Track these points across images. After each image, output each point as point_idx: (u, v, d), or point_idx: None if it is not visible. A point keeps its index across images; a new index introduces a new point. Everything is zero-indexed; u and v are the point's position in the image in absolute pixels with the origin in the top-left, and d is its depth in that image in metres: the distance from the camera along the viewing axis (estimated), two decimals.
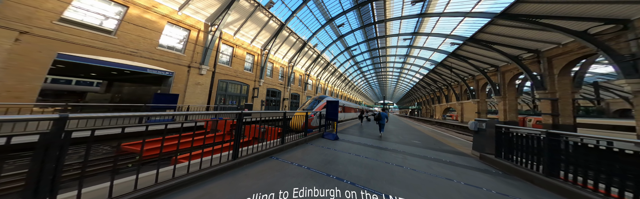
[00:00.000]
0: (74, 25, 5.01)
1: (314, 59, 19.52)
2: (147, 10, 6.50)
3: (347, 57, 24.59)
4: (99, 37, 5.46)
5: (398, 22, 15.12)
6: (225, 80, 10.20)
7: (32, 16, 4.34)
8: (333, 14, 14.43)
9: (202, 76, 8.65)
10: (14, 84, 4.11)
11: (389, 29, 16.82)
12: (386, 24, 16.16)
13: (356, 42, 19.74)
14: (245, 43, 11.43)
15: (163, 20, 7.03)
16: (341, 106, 10.54)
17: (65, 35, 4.85)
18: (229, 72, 10.37)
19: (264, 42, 12.67)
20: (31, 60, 4.33)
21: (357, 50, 22.27)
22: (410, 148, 3.85)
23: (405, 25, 15.46)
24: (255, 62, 12.69)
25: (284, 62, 16.06)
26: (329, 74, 26.50)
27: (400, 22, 14.98)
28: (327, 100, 4.83)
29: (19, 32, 4.18)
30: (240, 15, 9.67)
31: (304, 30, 15.18)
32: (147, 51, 6.57)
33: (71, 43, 4.94)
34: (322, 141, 3.91)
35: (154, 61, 6.73)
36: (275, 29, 12.21)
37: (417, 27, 15.39)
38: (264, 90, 13.52)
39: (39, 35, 4.46)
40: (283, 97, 16.25)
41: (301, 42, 15.48)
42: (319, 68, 22.87)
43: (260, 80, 12.74)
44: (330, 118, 4.69)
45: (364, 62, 27.62)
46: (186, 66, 7.94)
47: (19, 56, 4.16)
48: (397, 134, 6.29)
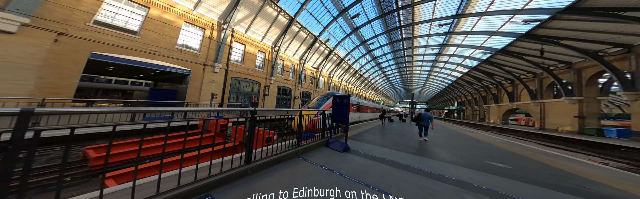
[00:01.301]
0: (104, 26, 5.48)
1: (326, 55, 19.15)
2: (166, 10, 6.94)
3: (363, 52, 23.50)
4: (125, 37, 5.88)
5: (431, 5, 12.85)
6: (237, 78, 10.51)
7: (68, 18, 4.78)
8: (347, 2, 13.61)
9: (216, 74, 8.90)
10: (54, 81, 4.57)
11: (418, 14, 14.61)
12: (413, 9, 14.12)
13: (374, 34, 18.63)
14: (257, 41, 11.68)
15: (180, 20, 7.39)
16: (355, 104, 9.53)
17: (97, 36, 5.29)
18: (241, 70, 10.68)
19: (274, 38, 12.84)
20: (68, 59, 4.77)
21: (375, 44, 21.04)
22: (499, 181, 1.90)
23: (442, 7, 12.92)
24: (266, 60, 12.90)
25: (295, 59, 16.12)
26: (343, 71, 25.74)
27: (434, 5, 12.70)
28: (334, 95, 3.60)
29: (57, 33, 4.63)
30: (250, 11, 9.93)
31: (315, 24, 14.86)
32: (167, 50, 6.96)
33: (102, 44, 5.40)
34: (323, 154, 2.72)
35: (172, 59, 7.11)
36: (285, 24, 12.31)
37: (453, 26, 14.48)
38: (275, 88, 13.64)
39: (74, 36, 4.90)
40: (294, 95, 16.26)
41: (312, 37, 15.35)
42: (332, 65, 22.34)
43: (271, 77, 12.91)
44: (338, 120, 3.42)
45: (383, 56, 25.89)
46: (202, 64, 8.24)
47: (57, 55, 4.61)
48: (447, 145, 4.24)
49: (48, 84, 4.60)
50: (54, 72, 4.69)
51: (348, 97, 3.35)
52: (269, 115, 2.94)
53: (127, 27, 6.13)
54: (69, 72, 4.88)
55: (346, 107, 3.25)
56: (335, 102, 3.58)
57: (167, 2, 6.94)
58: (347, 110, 3.23)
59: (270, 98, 13.01)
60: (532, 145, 6.35)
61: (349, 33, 17.52)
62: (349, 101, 3.30)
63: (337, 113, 3.51)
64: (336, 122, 3.62)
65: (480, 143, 4.93)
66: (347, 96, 3.38)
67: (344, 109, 3.31)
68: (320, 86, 22.02)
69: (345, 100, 3.32)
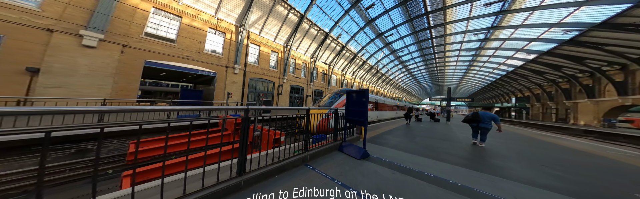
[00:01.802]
0: (152, 37, 7.26)
1: (338, 52, 20.70)
2: (194, 18, 8.90)
3: (380, 46, 24.11)
4: (167, 45, 7.66)
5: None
6: (254, 78, 12.37)
7: (128, 32, 6.57)
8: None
9: (236, 75, 10.55)
10: (124, 85, 6.32)
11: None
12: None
13: (393, 24, 19.38)
14: (270, 41, 13.60)
15: (205, 26, 9.22)
16: (372, 102, 9.78)
17: (148, 46, 7.04)
18: (257, 70, 12.54)
19: (285, 38, 14.64)
20: (131, 67, 6.52)
21: (395, 35, 21.83)
22: None
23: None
24: (279, 59, 14.73)
25: (306, 57, 17.88)
26: (356, 67, 26.63)
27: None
28: (347, 91, 3.38)
29: (122, 45, 6.35)
30: (262, 12, 11.79)
31: (325, 20, 16.48)
32: (197, 54, 8.74)
33: (152, 52, 7.13)
34: (336, 161, 2.50)
35: (202, 63, 8.92)
36: (295, 22, 14.05)
37: (507, 3, 12.98)
38: (288, 87, 15.33)
39: (133, 47, 6.66)
40: (306, 94, 17.90)
41: (322, 33, 17.03)
42: (344, 62, 23.69)
43: (283, 77, 14.66)
44: (353, 120, 3.21)
45: (405, 49, 26.24)
46: (224, 66, 9.98)
47: (124, 64, 6.37)
48: (522, 155, 3.40)
49: (120, 88, 6.39)
50: (123, 77, 6.48)
51: (365, 93, 2.98)
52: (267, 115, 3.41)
53: (167, 36, 7.92)
54: (132, 77, 6.67)
55: (363, 105, 2.96)
56: (349, 99, 3.35)
57: (194, 10, 8.76)
58: (365, 108, 2.91)
59: (284, 97, 14.73)
60: None
61: (362, 26, 18.50)
62: (366, 98, 2.95)
63: (352, 111, 3.27)
64: (351, 122, 3.34)
65: (585, 157, 3.51)
66: (364, 91, 3.01)
67: (360, 107, 3.05)
68: (333, 84, 23.31)
69: (363, 97, 3.01)
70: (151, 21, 7.58)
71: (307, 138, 2.55)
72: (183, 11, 8.46)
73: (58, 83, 5.37)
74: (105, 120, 4.50)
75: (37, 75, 5.09)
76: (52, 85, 5.28)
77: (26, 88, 4.96)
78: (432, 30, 20.08)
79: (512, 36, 17.10)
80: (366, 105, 2.93)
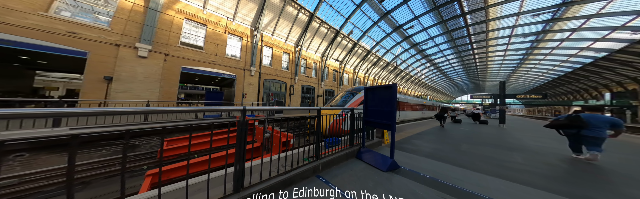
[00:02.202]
0: (186, 46, 9.19)
1: (350, 50, 22.35)
2: (216, 25, 11.08)
3: (397, 40, 24.69)
4: (197, 52, 9.62)
5: None
6: (268, 79, 14.58)
7: (168, 42, 8.49)
8: None
9: (252, 77, 12.48)
10: (167, 89, 8.33)
11: None
12: None
13: (413, 15, 19.93)
14: (281, 43, 15.73)
15: (226, 32, 10.81)
16: (402, 102, 9.99)
17: (183, 53, 8.94)
18: (271, 72, 14.71)
19: (296, 38, 16.69)
20: (172, 73, 8.48)
21: (417, 27, 22.30)
22: None
23: None
24: (290, 60, 16.89)
25: (317, 57, 19.82)
26: (370, 65, 27.60)
27: None
28: (365, 88, 3.28)
29: (165, 54, 8.26)
30: (273, 13, 13.83)
31: (335, 16, 18.05)
32: (220, 59, 10.64)
33: (186, 59, 9.03)
34: (355, 172, 2.34)
35: (224, 67, 11.03)
36: (305, 22, 15.95)
37: None
38: (299, 87, 17.34)
39: (173, 55, 8.57)
40: (317, 94, 19.72)
41: (333, 31, 18.68)
42: (357, 59, 25.28)
43: (295, 77, 16.72)
44: (374, 123, 3.07)
45: (430, 41, 26.51)
46: (242, 69, 11.85)
47: (166, 71, 8.35)
48: None
49: (164, 91, 8.47)
50: (166, 82, 8.55)
51: (392, 89, 2.66)
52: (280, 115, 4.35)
53: (197, 44, 9.86)
54: (172, 82, 8.72)
55: (389, 103, 2.69)
56: (368, 97, 3.18)
57: (216, 17, 10.98)
58: (392, 108, 2.64)
59: (296, 97, 16.79)
60: None
61: (376, 20, 19.45)
62: (394, 95, 2.66)
63: (372, 112, 3.09)
64: (371, 125, 3.16)
65: None
66: (391, 87, 2.69)
67: (385, 106, 2.80)
68: (345, 82, 24.48)
69: (389, 94, 2.72)
70: (184, 31, 9.57)
71: (318, 144, 2.40)
72: (207, 19, 10.48)
73: (124, 89, 7.64)
74: (149, 119, 6.33)
75: (111, 82, 7.26)
76: (120, 90, 7.56)
77: (105, 93, 7.12)
78: (467, 16, 18.90)
79: (604, 11, 13.57)
80: (394, 104, 2.67)
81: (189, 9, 9.67)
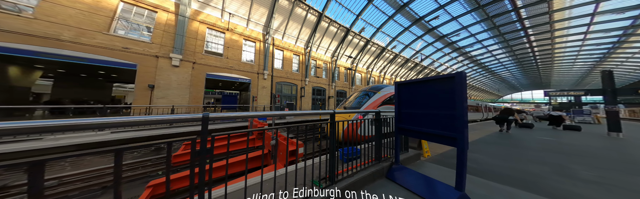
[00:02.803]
0: (209, 54, 11.63)
1: (362, 48, 24.68)
2: (233, 32, 13.20)
3: (418, 34, 26.69)
4: (217, 59, 12.18)
5: None
6: (280, 82, 17.42)
7: (195, 51, 10.87)
8: None
9: (265, 80, 14.97)
10: (195, 94, 10.73)
11: None
12: None
13: (438, 4, 21.47)
14: (291, 45, 18.86)
15: (241, 38, 14.51)
16: None
17: (207, 61, 11.42)
18: (282, 74, 17.86)
19: (305, 39, 19.69)
20: (198, 80, 11.05)
21: (443, 17, 22.77)
22: None
23: None
24: (301, 62, 20.08)
25: (327, 57, 22.69)
26: (386, 62, 30.16)
27: None
28: (398, 84, 2.96)
29: (192, 62, 10.71)
30: (283, 16, 16.86)
31: (345, 14, 20.14)
32: (237, 65, 13.34)
33: (209, 66, 11.38)
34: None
35: (240, 72, 13.84)
36: (314, 22, 18.74)
37: None
38: (310, 88, 20.14)
39: (199, 63, 11.06)
40: (328, 95, 22.34)
41: (343, 30, 21.20)
42: (370, 57, 27.59)
43: (305, 79, 19.60)
44: (418, 132, 2.68)
45: (462, 31, 27.18)
46: (256, 73, 14.37)
47: (194, 77, 10.89)
48: None
49: (193, 96, 10.96)
50: (194, 88, 11.17)
51: (457, 80, 2.08)
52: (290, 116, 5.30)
53: (217, 51, 12.31)
54: (199, 88, 11.34)
55: (449, 103, 2.18)
56: (403, 94, 2.83)
57: (232, 24, 13.61)
58: (457, 111, 2.09)
59: (306, 99, 19.76)
60: None
61: (392, 14, 21.07)
62: (459, 89, 2.08)
63: (412, 116, 2.75)
64: (412, 136, 2.79)
65: None
66: (453, 77, 2.12)
67: (441, 108, 2.33)
68: (357, 82, 26.23)
69: (446, 87, 2.23)
70: (207, 40, 12.10)
71: (334, 161, 2.15)
72: (226, 27, 12.96)
73: (163, 95, 10.36)
74: None
75: (153, 89, 9.74)
76: (160, 96, 10.34)
77: (149, 99, 9.67)
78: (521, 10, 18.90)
79: None
80: (461, 106, 2.07)
81: (210, 19, 12.77)
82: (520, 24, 23.10)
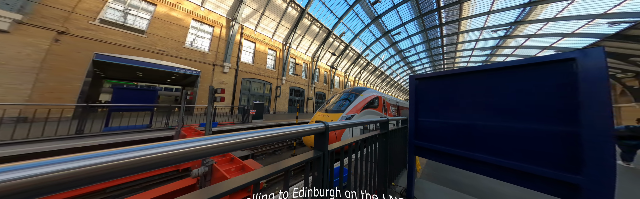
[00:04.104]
0: (109, 25, 5.27)
1: (341, 52, 18.25)
2: (173, 7, 6.89)
3: (386, 45, 21.16)
4: (131, 37, 5.63)
5: None
6: (248, 78, 10.12)
7: (70, 18, 4.39)
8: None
9: (226, 74, 8.45)
10: (55, 84, 4.15)
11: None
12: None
13: (401, 21, 16.83)
14: (266, 38, 11.35)
15: (188, 17, 7.46)
16: (393, 105, 6.99)
17: (98, 35, 4.89)
18: (252, 70, 10.27)
19: (284, 35, 12.38)
20: (70, 61, 4.40)
21: (403, 34, 19.19)
22: None
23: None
24: (278, 58, 12.46)
25: (307, 57, 15.55)
26: (360, 69, 23.96)
27: None
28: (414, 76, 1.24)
29: (58, 31, 4.23)
30: (258, 4, 9.62)
31: (328, 15, 14.09)
32: (173, 49, 6.84)
33: (107, 44, 4.98)
34: None
35: (181, 60, 7.06)
36: (296, 18, 11.80)
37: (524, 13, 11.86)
38: (287, 88, 13.02)
39: (77, 35, 4.52)
40: (307, 97, 15.50)
41: (325, 31, 14.69)
42: (348, 63, 21.15)
43: (282, 77, 12.35)
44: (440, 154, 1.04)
45: (412, 49, 23.48)
46: (211, 64, 7.84)
47: (60, 56, 4.21)
48: None
49: (47, 87, 4.25)
50: (56, 73, 4.36)
51: (598, 57, 0.56)
52: None
53: (134, 26, 5.77)
54: (70, 74, 4.55)
55: (569, 110, 0.63)
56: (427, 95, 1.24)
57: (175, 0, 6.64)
58: (598, 129, 0.56)
59: (282, 100, 12.38)
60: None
61: (368, 23, 16.01)
62: (599, 81, 0.56)
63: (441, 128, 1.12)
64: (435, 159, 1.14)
65: None
66: (592, 52, 0.59)
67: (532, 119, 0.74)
68: (336, 86, 20.56)
69: (570, 79, 0.63)
70: (110, 6, 5.48)
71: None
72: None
73: None
74: None
75: None
76: None
77: None
78: (443, 27, 17.09)
79: (540, 32, 14.15)
80: (602, 116, 0.54)
81: None
82: (441, 49, 22.28)
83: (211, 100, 2.97)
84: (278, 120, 7.27)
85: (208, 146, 0.31)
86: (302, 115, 11.82)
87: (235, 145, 0.36)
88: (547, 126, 0.69)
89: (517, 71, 0.81)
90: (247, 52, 10.37)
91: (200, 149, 0.30)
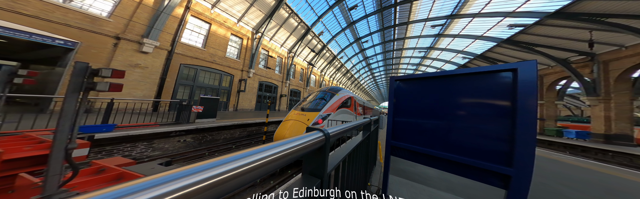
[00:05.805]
0: None
1: (319, 51, 16.08)
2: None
3: (356, 51, 20.96)
4: None
5: (430, 2, 11.08)
6: (191, 65, 7.00)
7: None
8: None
9: (146, 55, 5.33)
10: None
11: (415, 12, 12.76)
12: (412, 7, 12.13)
13: (369, 31, 16.15)
14: (230, 22, 8.36)
15: None
16: (362, 105, 6.52)
17: None
18: (199, 55, 7.23)
19: (256, 23, 9.54)
20: None
21: (369, 42, 18.53)
22: None
23: (440, 6, 11.33)
24: (244, 47, 9.48)
25: (283, 51, 12.87)
26: (334, 69, 23.00)
27: (433, 1, 11.06)
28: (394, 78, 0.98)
29: None
30: None
31: (308, 11, 11.66)
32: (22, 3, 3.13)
33: None
34: None
35: (41, 22, 3.54)
36: (272, 6, 9.17)
37: (443, 28, 12.68)
38: (255, 83, 10.32)
39: None
40: (280, 93, 13.00)
41: (304, 27, 12.22)
42: (324, 62, 19.44)
43: (250, 70, 9.58)
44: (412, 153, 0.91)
45: (374, 57, 23.72)
46: (115, 37, 4.64)
47: None
48: None
49: None
50: None
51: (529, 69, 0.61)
52: None
53: None
54: None
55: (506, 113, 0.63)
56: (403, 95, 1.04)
57: None
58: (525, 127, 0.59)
59: (248, 96, 9.64)
60: None
61: (344, 27, 14.93)
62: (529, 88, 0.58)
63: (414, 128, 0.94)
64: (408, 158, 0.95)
65: None
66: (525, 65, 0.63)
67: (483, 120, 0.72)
68: (311, 84, 19.01)
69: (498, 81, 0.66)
70: None
71: None
72: None
73: None
74: None
75: None
76: None
77: None
78: (395, 42, 17.93)
79: (448, 47, 15.62)
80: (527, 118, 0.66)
81: None
82: (394, 60, 23.24)
83: (77, 87, 0.81)
84: (240, 119, 4.99)
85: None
86: (274, 113, 9.33)
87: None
88: (489, 126, 0.80)
89: (473, 78, 0.87)
90: (195, 32, 7.21)
91: None
